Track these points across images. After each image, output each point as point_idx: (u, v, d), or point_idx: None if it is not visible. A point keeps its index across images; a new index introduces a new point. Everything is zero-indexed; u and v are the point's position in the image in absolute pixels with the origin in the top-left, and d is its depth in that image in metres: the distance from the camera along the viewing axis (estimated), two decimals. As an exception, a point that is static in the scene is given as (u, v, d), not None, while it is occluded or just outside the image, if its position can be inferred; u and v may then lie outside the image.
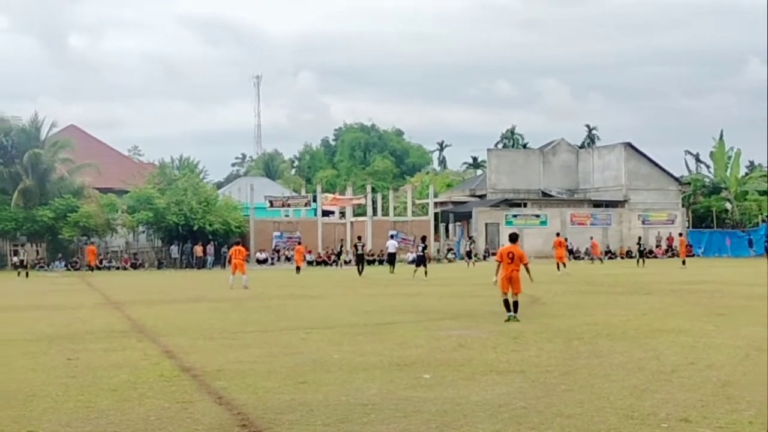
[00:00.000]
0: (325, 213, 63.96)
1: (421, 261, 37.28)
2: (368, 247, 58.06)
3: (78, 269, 52.73)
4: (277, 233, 59.68)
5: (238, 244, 37.03)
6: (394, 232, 58.11)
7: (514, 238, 17.41)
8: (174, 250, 57.33)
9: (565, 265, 37.07)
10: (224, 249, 56.20)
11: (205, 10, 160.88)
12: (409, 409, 8.53)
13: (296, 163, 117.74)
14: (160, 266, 56.38)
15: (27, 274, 44.27)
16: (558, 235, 45.03)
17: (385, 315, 18.99)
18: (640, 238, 54.24)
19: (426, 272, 35.63)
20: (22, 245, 52.87)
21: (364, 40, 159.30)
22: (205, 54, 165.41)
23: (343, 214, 64.85)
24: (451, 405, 8.72)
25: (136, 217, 55.32)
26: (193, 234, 56.37)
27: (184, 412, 8.54)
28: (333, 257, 57.32)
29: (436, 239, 63.69)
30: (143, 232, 59.53)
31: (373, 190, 66.77)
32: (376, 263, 55.29)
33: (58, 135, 60.47)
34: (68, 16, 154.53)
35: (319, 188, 65.85)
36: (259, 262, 56.11)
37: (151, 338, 14.96)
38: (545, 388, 9.64)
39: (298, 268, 43.33)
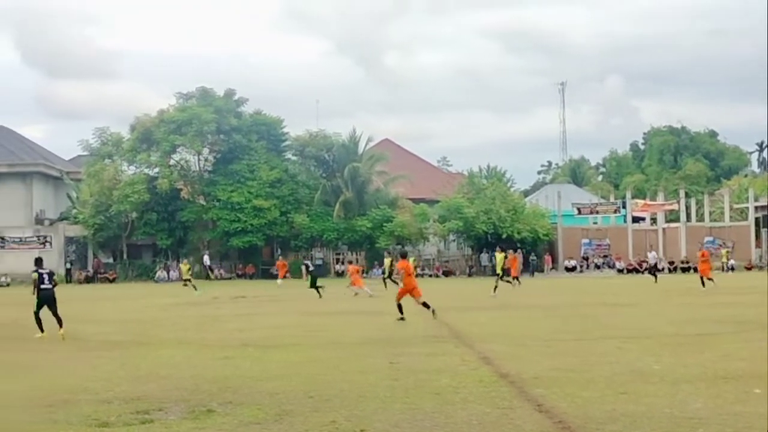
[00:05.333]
0: (635, 219, 62.27)
1: None
2: (683, 254, 55.82)
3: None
4: (586, 240, 58.98)
5: (351, 263, 39.27)
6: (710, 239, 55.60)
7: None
8: (484, 257, 58.31)
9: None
10: (532, 257, 56.52)
11: (507, 22, 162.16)
12: (740, 425, 8.11)
13: (602, 169, 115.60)
14: (470, 274, 57.55)
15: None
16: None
17: (704, 325, 18.17)
18: None
19: None
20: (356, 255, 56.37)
21: (673, 40, 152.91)
22: (509, 64, 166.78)
23: (654, 221, 62.80)
24: (789, 423, 8.18)
25: (447, 226, 56.97)
26: (501, 242, 57.05)
27: (505, 418, 8.69)
28: (645, 265, 55.62)
29: (758, 245, 59.88)
30: (454, 240, 61.33)
31: (687, 194, 64.16)
32: (691, 270, 53.03)
33: (374, 149, 64.00)
34: (383, 36, 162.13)
35: (628, 194, 64.26)
36: (568, 269, 55.67)
37: (468, 344, 15.34)
38: None
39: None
